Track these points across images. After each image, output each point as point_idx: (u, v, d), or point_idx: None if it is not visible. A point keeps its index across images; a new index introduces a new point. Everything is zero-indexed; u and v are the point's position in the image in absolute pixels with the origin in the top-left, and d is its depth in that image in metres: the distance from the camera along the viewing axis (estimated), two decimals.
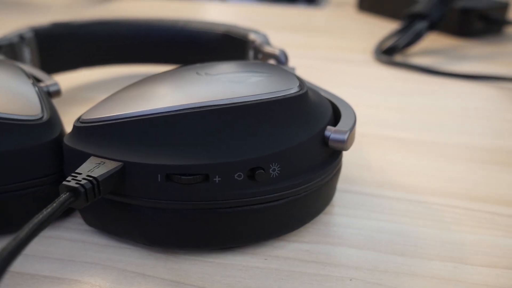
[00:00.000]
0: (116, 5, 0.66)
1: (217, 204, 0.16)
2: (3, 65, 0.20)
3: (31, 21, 0.54)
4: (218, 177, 0.16)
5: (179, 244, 0.17)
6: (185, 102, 0.16)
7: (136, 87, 0.19)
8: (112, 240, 0.18)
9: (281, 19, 0.59)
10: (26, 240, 0.12)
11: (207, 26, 0.34)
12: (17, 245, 0.11)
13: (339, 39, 0.49)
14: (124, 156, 0.16)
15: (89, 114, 0.17)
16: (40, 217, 0.13)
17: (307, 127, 0.17)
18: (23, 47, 0.29)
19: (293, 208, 0.17)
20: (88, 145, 0.16)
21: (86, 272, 0.17)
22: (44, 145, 0.17)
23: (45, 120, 0.18)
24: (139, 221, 0.17)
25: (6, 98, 0.18)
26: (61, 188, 0.15)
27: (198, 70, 0.19)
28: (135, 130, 0.16)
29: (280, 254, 0.18)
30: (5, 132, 0.17)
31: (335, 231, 0.19)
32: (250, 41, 0.30)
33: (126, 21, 0.34)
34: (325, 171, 0.18)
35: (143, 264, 0.17)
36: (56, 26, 0.32)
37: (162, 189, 0.16)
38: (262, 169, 0.16)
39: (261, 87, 0.17)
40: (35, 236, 0.12)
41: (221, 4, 0.70)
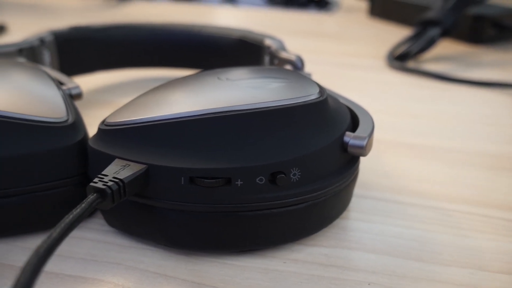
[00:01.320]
0: (130, 8, 0.66)
1: (239, 207, 0.16)
2: (28, 69, 0.21)
3: (47, 24, 0.55)
4: (240, 181, 0.16)
5: (200, 246, 0.17)
6: (208, 107, 0.17)
7: (159, 91, 0.19)
8: (133, 241, 0.18)
9: (291, 24, 0.60)
10: (59, 239, 0.12)
11: (223, 31, 0.34)
12: (52, 244, 0.12)
13: (350, 44, 0.50)
14: (148, 159, 0.16)
15: (114, 117, 0.18)
16: (70, 217, 0.13)
17: (327, 132, 0.18)
18: (43, 50, 0.30)
19: (312, 213, 0.18)
20: (112, 148, 0.17)
21: (109, 272, 0.17)
22: (69, 147, 0.18)
23: (70, 122, 0.18)
24: (162, 223, 0.17)
25: (33, 100, 0.18)
26: (89, 189, 0.15)
27: (219, 75, 0.20)
28: (159, 133, 0.16)
29: (299, 257, 0.18)
30: (32, 134, 0.17)
31: (353, 235, 0.19)
32: (266, 47, 0.30)
33: (143, 25, 0.34)
34: (344, 176, 0.18)
35: (164, 265, 0.17)
36: (75, 30, 0.32)
37: (185, 192, 0.16)
38: (283, 173, 0.16)
39: (282, 93, 0.18)
40: (66, 235, 0.12)
41: (232, 9, 0.71)
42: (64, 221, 0.13)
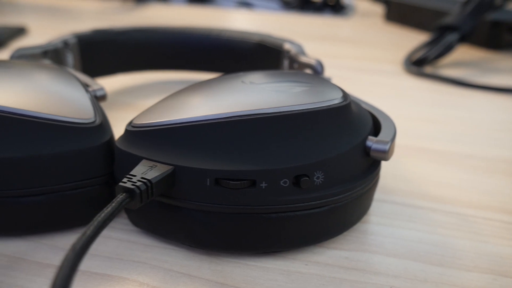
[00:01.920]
0: (147, 11, 0.67)
1: (263, 209, 0.17)
2: (56, 71, 0.21)
3: (66, 26, 0.56)
4: (264, 183, 0.16)
5: (224, 246, 0.18)
6: (234, 110, 0.17)
7: (184, 94, 0.19)
8: (157, 241, 0.19)
9: (307, 28, 0.60)
10: (93, 236, 0.12)
11: (242, 35, 0.34)
12: (86, 241, 0.12)
13: (367, 49, 0.50)
14: (175, 160, 0.16)
15: (141, 119, 0.18)
16: (102, 215, 0.13)
17: (350, 137, 0.18)
18: (67, 52, 0.30)
19: (334, 216, 0.18)
20: (139, 149, 0.17)
21: (134, 271, 0.17)
22: (97, 147, 0.18)
23: (98, 123, 0.18)
24: (186, 223, 0.17)
25: (62, 102, 0.19)
26: (118, 189, 0.15)
27: (242, 78, 0.20)
28: (186, 135, 0.17)
29: (320, 260, 0.18)
30: (62, 134, 0.17)
31: (373, 239, 0.19)
32: (285, 51, 0.30)
33: (163, 28, 0.35)
34: (366, 180, 0.18)
35: (188, 265, 0.18)
36: (97, 33, 0.33)
37: (211, 193, 0.16)
38: (307, 176, 0.16)
39: (306, 97, 0.18)
40: (99, 233, 0.13)
41: (248, 13, 0.71)
42: (96, 219, 0.13)
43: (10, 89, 0.18)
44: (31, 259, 0.18)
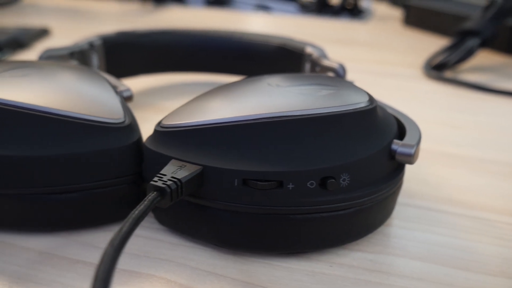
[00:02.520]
0: (166, 14, 0.68)
1: (289, 210, 0.17)
2: (86, 71, 0.22)
3: (87, 27, 0.57)
4: (291, 184, 0.16)
5: (250, 246, 0.18)
6: (262, 112, 0.17)
7: (211, 96, 0.20)
8: (183, 239, 0.19)
9: (324, 32, 0.60)
10: (129, 232, 0.13)
11: (263, 38, 0.35)
12: (123, 237, 0.12)
13: (385, 53, 0.50)
14: (203, 160, 0.17)
15: (169, 120, 0.18)
16: (136, 212, 0.14)
17: (376, 140, 0.18)
18: (92, 53, 0.31)
19: (359, 218, 0.18)
20: (168, 149, 0.17)
21: (161, 268, 0.18)
22: (126, 147, 0.18)
23: (127, 124, 0.19)
24: (213, 223, 0.18)
25: (93, 102, 0.19)
26: (149, 187, 0.16)
27: (268, 81, 0.20)
28: (214, 136, 0.17)
29: (344, 262, 0.18)
30: (93, 133, 0.18)
31: (397, 242, 0.19)
32: (307, 54, 0.31)
33: (185, 31, 0.35)
34: (390, 183, 0.18)
35: (214, 264, 0.18)
36: (121, 35, 0.33)
37: (238, 193, 0.17)
38: (334, 178, 0.17)
39: (332, 100, 0.18)
40: (134, 230, 0.13)
41: (266, 16, 0.71)
42: (130, 216, 0.14)
43: (44, 89, 0.19)
44: (61, 255, 0.18)
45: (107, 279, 0.11)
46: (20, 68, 0.21)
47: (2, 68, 0.20)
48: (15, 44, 0.46)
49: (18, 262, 0.18)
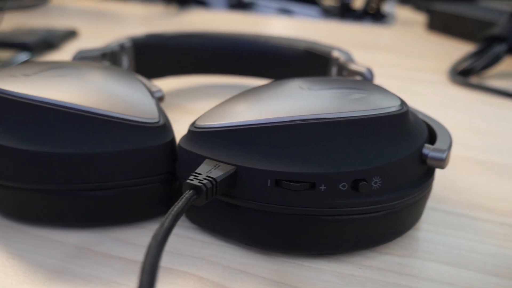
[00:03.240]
0: (189, 16, 0.69)
1: (320, 211, 0.17)
2: (119, 72, 0.23)
3: (113, 30, 0.58)
4: (324, 186, 0.17)
5: (280, 246, 0.18)
6: (295, 114, 0.17)
7: (244, 98, 0.20)
8: (214, 238, 0.19)
9: (347, 36, 0.60)
10: (170, 228, 0.13)
11: (289, 42, 0.35)
12: (165, 232, 0.13)
13: (409, 58, 0.50)
14: (237, 161, 0.17)
15: (203, 120, 0.19)
16: (174, 209, 0.14)
17: (407, 144, 0.18)
18: (123, 55, 0.32)
19: (389, 221, 0.18)
20: (202, 149, 0.18)
21: (193, 266, 0.18)
22: (161, 146, 0.19)
23: (162, 123, 0.19)
24: (245, 222, 0.18)
25: (130, 102, 0.20)
26: (185, 186, 0.16)
27: (299, 84, 0.20)
28: (248, 137, 0.17)
29: (373, 264, 0.18)
30: (130, 132, 0.18)
31: (426, 247, 0.19)
32: (334, 58, 0.31)
33: (212, 34, 0.36)
34: (421, 187, 0.18)
35: (245, 263, 0.18)
36: (151, 37, 0.34)
37: (270, 194, 0.17)
38: (365, 181, 0.17)
39: (365, 104, 0.18)
40: (174, 226, 0.14)
41: (288, 19, 0.72)
42: (170, 213, 0.14)
43: (83, 89, 0.19)
44: (96, 250, 0.19)
45: (154, 271, 0.11)
46: (58, 68, 0.21)
47: (40, 68, 0.21)
48: (45, 45, 0.47)
49: (56, 256, 0.18)
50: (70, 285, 0.17)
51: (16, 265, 0.18)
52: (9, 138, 0.18)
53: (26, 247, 0.18)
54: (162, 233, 0.13)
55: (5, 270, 0.17)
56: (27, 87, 0.19)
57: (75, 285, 0.17)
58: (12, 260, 0.18)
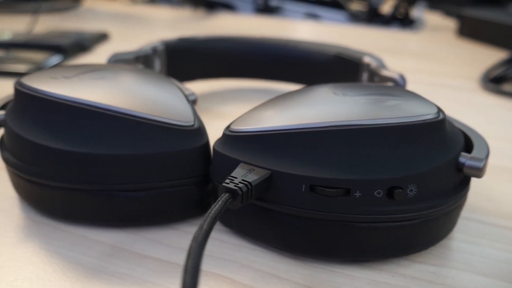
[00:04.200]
0: (216, 20, 0.69)
1: (354, 218, 0.17)
2: (155, 75, 0.23)
3: (142, 32, 0.59)
4: (358, 192, 0.17)
5: (312, 252, 0.18)
6: (330, 120, 0.18)
7: (278, 103, 0.20)
8: (245, 241, 0.20)
9: (374, 41, 0.60)
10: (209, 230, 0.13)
11: (318, 47, 0.35)
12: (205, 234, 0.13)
13: (439, 64, 0.49)
14: (272, 165, 0.17)
15: (238, 124, 0.19)
16: (212, 212, 0.14)
17: (443, 152, 0.18)
18: (155, 58, 0.32)
19: (424, 229, 0.18)
20: (237, 152, 0.18)
21: (226, 268, 0.18)
22: (196, 149, 0.19)
23: (197, 127, 0.20)
24: (278, 226, 0.18)
25: (166, 105, 0.20)
26: (221, 189, 0.16)
27: (334, 90, 0.20)
28: (283, 142, 0.18)
29: (406, 272, 0.18)
30: (166, 135, 0.19)
31: (460, 257, 0.19)
32: (365, 64, 0.31)
33: (242, 38, 0.36)
34: (456, 196, 0.18)
35: (276, 267, 0.18)
36: (182, 41, 0.34)
37: (305, 199, 0.17)
38: (401, 188, 0.17)
39: (401, 110, 0.18)
40: (212, 228, 0.14)
41: (315, 24, 0.72)
42: (208, 215, 0.14)
43: (121, 92, 0.20)
44: (131, 249, 0.19)
45: (196, 272, 0.11)
46: (96, 71, 0.22)
47: (79, 71, 0.22)
48: (77, 47, 0.48)
49: (92, 254, 0.19)
50: (106, 284, 0.17)
51: (54, 262, 0.18)
52: (49, 139, 0.19)
53: (63, 245, 0.19)
54: (202, 235, 0.13)
55: (43, 267, 0.18)
56: (68, 89, 0.19)
57: (112, 284, 0.17)
58: (51, 258, 0.18)
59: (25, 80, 0.20)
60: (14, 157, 0.20)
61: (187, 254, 0.12)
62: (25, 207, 0.21)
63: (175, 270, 0.18)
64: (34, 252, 0.18)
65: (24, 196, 0.21)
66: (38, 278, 0.17)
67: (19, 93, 0.20)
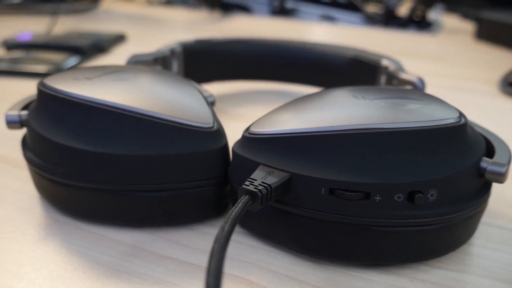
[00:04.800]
0: (232, 22, 0.70)
1: (374, 222, 0.17)
2: (174, 77, 0.23)
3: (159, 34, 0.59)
4: (378, 196, 0.16)
5: (331, 255, 0.18)
6: (351, 123, 0.17)
7: (297, 105, 0.20)
8: (263, 243, 0.20)
9: (391, 43, 0.59)
10: (231, 232, 0.13)
11: (336, 50, 0.35)
12: (227, 235, 0.13)
13: (457, 68, 0.48)
14: (291, 168, 0.17)
15: (257, 127, 0.19)
16: (232, 214, 0.15)
17: (465, 157, 0.18)
18: (173, 60, 0.32)
19: (444, 234, 0.18)
20: (256, 155, 0.18)
21: (244, 270, 0.18)
22: (215, 150, 0.19)
23: (216, 128, 0.20)
24: (297, 229, 0.18)
25: (186, 106, 0.20)
26: (240, 191, 0.16)
27: (353, 93, 0.20)
28: (303, 145, 0.18)
29: (425, 278, 0.18)
30: (185, 136, 0.19)
31: (481, 263, 0.19)
32: (383, 67, 0.31)
33: (260, 40, 0.36)
34: (477, 201, 0.18)
35: (294, 270, 0.18)
36: (200, 43, 0.35)
37: (324, 202, 0.17)
38: (422, 193, 0.17)
39: (422, 114, 0.18)
40: (233, 230, 0.14)
41: (331, 26, 0.72)
42: (228, 217, 0.14)
43: (142, 93, 0.20)
44: (150, 249, 0.19)
45: (219, 274, 0.11)
46: (117, 72, 0.22)
47: (100, 72, 0.22)
48: (95, 48, 0.49)
49: (112, 254, 0.19)
50: (126, 283, 0.17)
51: (74, 261, 0.18)
52: (72, 139, 0.19)
53: (83, 244, 0.19)
54: (224, 237, 0.13)
55: (64, 266, 0.18)
56: (91, 90, 0.20)
57: (131, 283, 0.17)
58: (71, 256, 0.18)
59: (48, 81, 0.21)
60: (37, 156, 0.20)
61: (209, 256, 0.12)
62: (46, 205, 0.22)
63: (194, 271, 0.18)
64: (55, 251, 0.19)
65: (45, 195, 0.21)
66: (59, 276, 0.17)
67: (42, 94, 0.21)
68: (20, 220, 0.21)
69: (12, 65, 0.42)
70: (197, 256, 0.19)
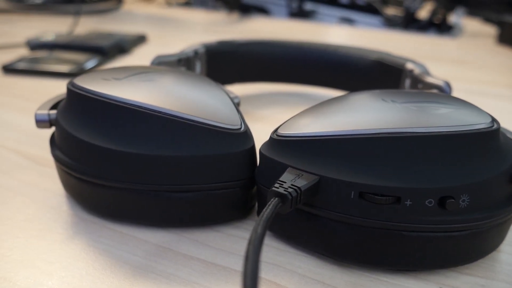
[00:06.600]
0: (251, 24, 0.70)
1: (404, 226, 0.17)
2: (200, 78, 0.23)
3: (178, 35, 0.60)
4: (409, 201, 0.16)
5: (359, 259, 0.18)
6: (382, 127, 0.17)
7: (326, 108, 0.20)
8: (288, 246, 0.20)
9: (410, 47, 0.59)
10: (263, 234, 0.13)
11: (359, 52, 0.35)
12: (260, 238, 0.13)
13: (479, 71, 0.48)
14: (321, 171, 0.17)
15: (285, 129, 0.19)
16: (264, 216, 0.14)
17: (497, 162, 0.17)
18: (196, 61, 0.33)
19: (474, 241, 0.17)
20: (284, 157, 0.18)
21: (270, 272, 0.18)
22: (243, 152, 0.19)
23: (244, 130, 0.20)
24: (324, 233, 0.18)
25: (215, 108, 0.20)
26: (270, 193, 0.16)
27: (382, 96, 0.20)
28: (332, 148, 0.17)
29: (454, 284, 0.18)
30: (214, 138, 0.19)
31: (510, 270, 0.19)
32: (407, 70, 0.30)
33: (282, 42, 0.36)
34: (508, 208, 0.18)
35: (321, 273, 0.18)
36: (222, 44, 0.35)
37: (353, 206, 0.17)
38: (453, 198, 0.16)
39: (453, 119, 0.18)
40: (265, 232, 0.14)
41: (350, 28, 0.71)
42: (260, 219, 0.14)
43: (171, 94, 0.20)
44: (176, 250, 0.19)
45: (255, 276, 0.11)
46: (144, 73, 0.22)
47: (128, 73, 0.22)
48: (117, 49, 0.49)
49: (138, 253, 0.19)
50: (154, 283, 0.17)
51: (102, 260, 0.18)
52: (101, 138, 0.19)
53: (111, 243, 0.19)
54: (257, 239, 0.13)
55: (93, 264, 0.18)
56: (120, 90, 0.20)
57: (159, 283, 0.17)
58: (99, 255, 0.19)
59: (77, 81, 0.21)
60: (65, 155, 0.20)
61: (244, 258, 0.12)
62: (73, 204, 0.22)
63: (220, 272, 0.18)
64: (83, 249, 0.19)
65: (73, 194, 0.21)
66: (88, 274, 0.18)
67: (72, 93, 0.21)
68: (48, 218, 0.21)
69: (35, 64, 0.43)
70: (223, 258, 0.19)
